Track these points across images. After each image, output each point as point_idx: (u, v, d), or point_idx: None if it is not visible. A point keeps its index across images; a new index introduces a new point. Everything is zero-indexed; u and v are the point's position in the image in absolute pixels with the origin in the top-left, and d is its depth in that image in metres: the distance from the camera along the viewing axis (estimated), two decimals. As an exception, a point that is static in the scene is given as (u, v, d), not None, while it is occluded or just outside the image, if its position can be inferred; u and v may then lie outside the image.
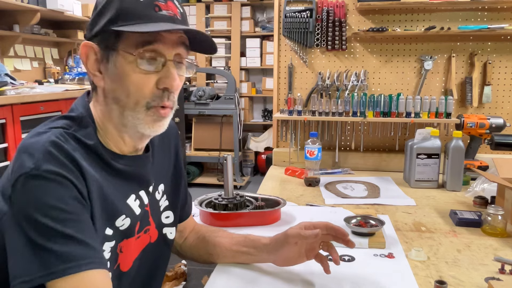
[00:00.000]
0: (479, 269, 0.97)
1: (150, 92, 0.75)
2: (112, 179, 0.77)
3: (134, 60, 0.73)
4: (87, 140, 0.74)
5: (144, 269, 0.88)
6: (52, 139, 0.69)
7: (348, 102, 1.92)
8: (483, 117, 1.80)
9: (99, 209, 0.72)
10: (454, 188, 1.61)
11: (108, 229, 0.75)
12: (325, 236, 0.91)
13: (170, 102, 0.77)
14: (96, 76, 0.78)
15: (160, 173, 0.92)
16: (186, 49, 0.79)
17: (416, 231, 1.21)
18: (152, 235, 0.90)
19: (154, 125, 0.78)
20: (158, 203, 0.92)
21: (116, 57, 0.74)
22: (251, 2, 5.06)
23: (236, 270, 0.97)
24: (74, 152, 0.70)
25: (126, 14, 0.72)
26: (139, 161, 0.84)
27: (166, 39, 0.74)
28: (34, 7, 3.11)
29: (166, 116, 0.79)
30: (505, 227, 1.17)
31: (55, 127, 0.73)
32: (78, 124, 0.76)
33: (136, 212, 0.81)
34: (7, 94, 2.45)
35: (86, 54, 0.77)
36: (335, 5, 2.00)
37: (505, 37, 1.94)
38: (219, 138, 4.81)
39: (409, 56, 2.02)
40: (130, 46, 0.73)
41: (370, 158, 2.00)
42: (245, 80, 5.24)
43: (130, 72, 0.74)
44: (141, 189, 0.84)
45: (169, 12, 0.74)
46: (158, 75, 0.75)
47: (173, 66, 0.76)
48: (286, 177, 1.85)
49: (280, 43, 2.10)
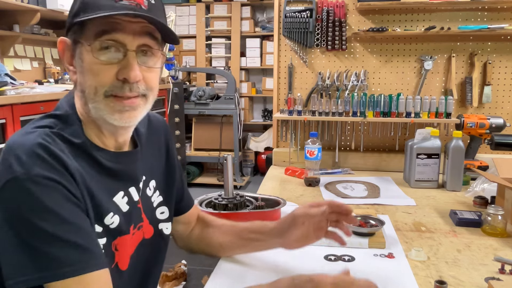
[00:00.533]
0: (479, 269, 0.97)
1: (108, 81, 0.73)
2: (99, 176, 0.76)
3: (91, 50, 0.73)
4: (74, 139, 0.74)
5: (140, 266, 0.88)
6: (39, 141, 0.68)
7: (348, 102, 1.92)
8: (483, 117, 1.81)
9: (90, 207, 0.72)
10: (454, 188, 1.61)
11: (97, 226, 0.75)
12: (330, 214, 0.91)
13: (134, 92, 0.75)
14: (70, 70, 0.78)
15: (150, 169, 0.91)
16: (155, 40, 0.77)
17: (416, 231, 1.21)
18: (146, 231, 0.89)
19: (122, 116, 0.75)
20: (150, 199, 0.91)
21: (80, 50, 0.74)
22: (251, 2, 5.06)
23: (237, 270, 0.97)
24: (62, 153, 0.69)
25: (87, 6, 0.72)
26: (127, 157, 0.84)
27: (125, 28, 0.72)
28: (34, 7, 3.11)
29: (136, 106, 0.76)
30: (505, 227, 1.17)
31: (41, 126, 0.73)
32: (63, 122, 0.75)
33: (123, 209, 0.81)
34: (7, 94, 2.45)
35: (62, 49, 0.78)
36: (335, 5, 2.00)
37: (505, 37, 1.94)
38: (219, 138, 4.81)
39: (409, 56, 2.02)
40: (89, 37, 0.73)
41: (370, 158, 2.00)
42: (245, 80, 5.24)
43: (90, 63, 0.73)
44: (130, 186, 0.83)
45: (131, 1, 0.72)
46: (118, 65, 0.74)
47: (134, 56, 0.74)
48: (286, 177, 1.85)
49: (280, 43, 2.10)
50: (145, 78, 0.76)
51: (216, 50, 5.21)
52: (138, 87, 0.75)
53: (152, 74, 0.78)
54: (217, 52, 5.20)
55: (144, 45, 0.76)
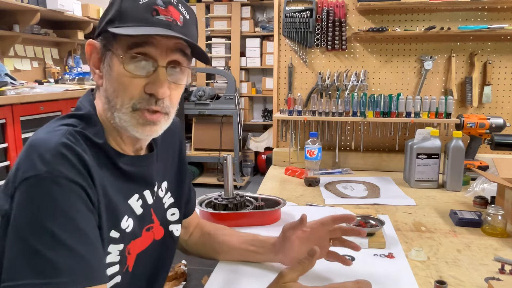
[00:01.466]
0: (479, 269, 0.97)
1: (136, 94, 0.74)
2: (116, 179, 0.76)
3: (123, 61, 0.73)
4: (97, 139, 0.74)
5: (149, 267, 0.88)
6: (63, 141, 0.67)
7: (348, 102, 1.92)
8: (483, 117, 1.81)
9: (104, 211, 0.72)
10: (454, 188, 1.61)
11: (113, 231, 0.74)
12: (334, 231, 0.92)
13: (159, 107, 0.76)
14: (96, 74, 0.78)
15: (163, 171, 0.92)
16: (186, 56, 0.78)
17: (416, 231, 1.21)
18: (157, 232, 0.89)
19: (144, 129, 0.76)
20: (162, 201, 0.91)
21: (110, 57, 0.75)
22: (251, 2, 5.06)
23: (236, 270, 0.97)
24: (85, 154, 0.69)
25: (123, 16, 0.72)
26: (143, 161, 0.84)
27: (159, 44, 0.73)
28: (34, 7, 3.11)
29: (157, 121, 0.77)
30: (505, 227, 1.17)
31: (65, 124, 0.72)
32: (87, 122, 0.75)
33: (137, 212, 0.81)
34: (7, 94, 2.45)
35: (90, 52, 0.79)
36: (335, 5, 2.00)
37: (505, 37, 1.94)
38: (219, 138, 4.81)
39: (409, 56, 2.02)
40: (122, 48, 0.73)
41: (370, 158, 2.00)
42: (245, 80, 5.24)
43: (120, 73, 0.74)
44: (145, 189, 0.84)
45: (168, 17, 0.73)
46: (147, 79, 0.74)
47: (164, 72, 0.74)
48: (286, 177, 1.85)
49: (280, 43, 2.10)
50: (171, 95, 0.77)
51: (216, 50, 5.21)
52: (163, 102, 0.76)
53: (178, 91, 0.80)
54: (217, 52, 5.20)
55: (175, 61, 0.76)
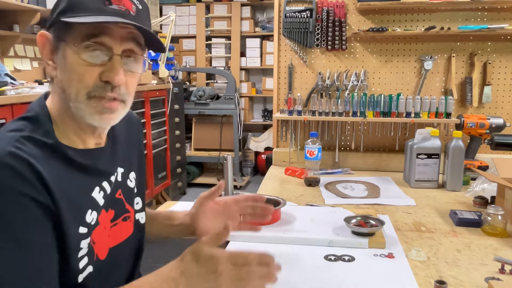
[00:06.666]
0: (479, 269, 0.97)
1: (92, 82, 0.75)
2: (73, 176, 0.76)
3: (78, 51, 0.74)
4: (46, 139, 0.73)
5: (126, 255, 0.91)
6: (9, 150, 0.66)
7: (348, 102, 1.92)
8: (483, 117, 1.81)
9: (67, 211, 0.71)
10: (454, 188, 1.61)
11: (81, 227, 0.75)
12: (244, 208, 1.02)
13: (115, 93, 0.77)
14: (49, 65, 0.79)
15: (129, 162, 0.94)
16: (139, 46, 0.79)
17: (416, 231, 1.21)
18: (134, 221, 0.93)
19: (101, 117, 0.77)
20: (133, 191, 0.93)
21: (64, 48, 0.75)
22: (251, 2, 5.06)
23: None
24: (34, 160, 0.68)
25: (75, 6, 0.73)
26: (95, 153, 0.84)
27: (113, 33, 0.74)
28: (34, 7, 3.11)
29: (115, 109, 0.78)
30: (505, 227, 1.17)
31: (12, 129, 0.72)
32: (34, 124, 0.75)
33: (100, 203, 0.82)
34: (7, 94, 2.45)
35: (43, 43, 0.79)
36: (335, 5, 2.00)
37: (505, 37, 1.94)
38: (219, 138, 4.81)
39: (409, 56, 2.02)
40: (76, 38, 0.74)
41: (370, 158, 2.00)
42: (245, 80, 5.24)
43: (74, 63, 0.74)
44: (103, 180, 0.84)
45: (120, 6, 0.74)
46: (103, 68, 0.75)
47: (119, 60, 0.76)
48: (286, 177, 1.85)
49: (280, 43, 2.10)
50: (126, 83, 0.79)
51: (216, 50, 5.21)
52: (119, 90, 0.77)
53: (133, 79, 0.81)
54: (217, 52, 5.20)
55: (129, 50, 0.78)
